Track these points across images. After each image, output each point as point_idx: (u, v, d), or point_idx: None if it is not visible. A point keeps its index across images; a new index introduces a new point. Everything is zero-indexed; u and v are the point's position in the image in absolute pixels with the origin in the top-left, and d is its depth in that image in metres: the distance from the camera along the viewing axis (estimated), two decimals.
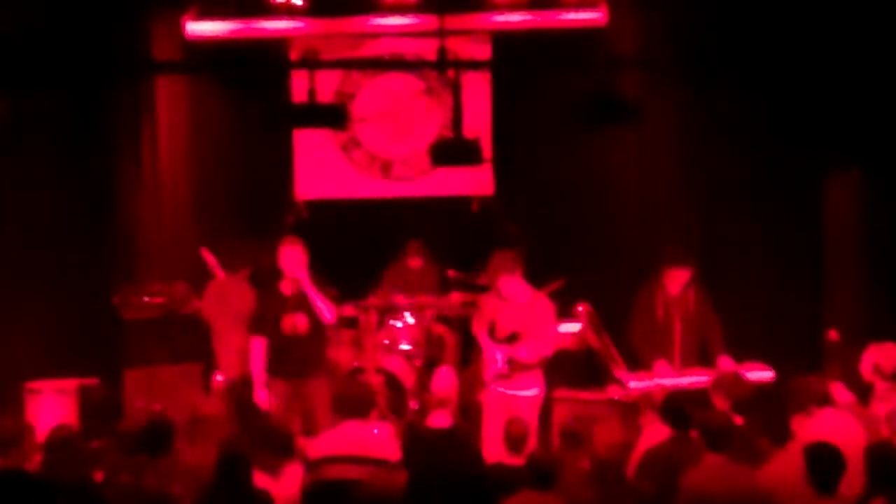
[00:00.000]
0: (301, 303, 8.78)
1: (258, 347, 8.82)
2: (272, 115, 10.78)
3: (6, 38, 9.80)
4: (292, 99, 11.11)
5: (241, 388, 9.42)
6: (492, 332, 8.86)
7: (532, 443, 7.57)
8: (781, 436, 7.05)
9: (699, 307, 9.34)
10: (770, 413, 7.48)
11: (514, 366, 8.76)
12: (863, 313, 10.19)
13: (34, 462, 7.04)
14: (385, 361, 10.07)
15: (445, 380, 8.12)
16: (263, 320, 8.84)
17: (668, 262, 9.38)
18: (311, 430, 8.47)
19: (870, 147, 10.19)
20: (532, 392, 8.79)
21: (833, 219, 10.61)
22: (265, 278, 9.15)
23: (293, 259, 8.78)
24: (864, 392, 8.13)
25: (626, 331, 9.43)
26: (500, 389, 8.84)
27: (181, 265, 11.04)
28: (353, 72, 11.42)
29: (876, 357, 7.78)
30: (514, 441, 7.23)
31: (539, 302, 8.92)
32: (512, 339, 8.80)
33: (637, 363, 9.31)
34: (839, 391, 8.06)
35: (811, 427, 7.28)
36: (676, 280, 9.31)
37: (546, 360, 8.88)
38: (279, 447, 7.01)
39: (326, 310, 8.82)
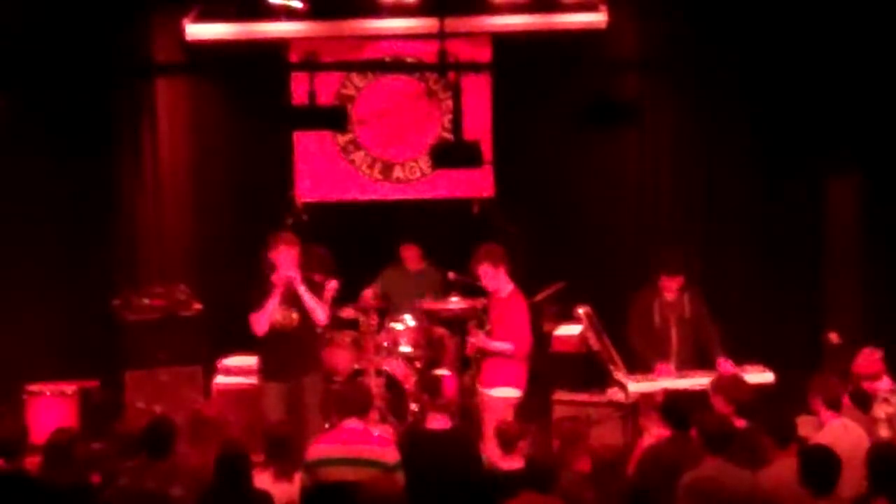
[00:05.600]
0: (292, 299, 8.79)
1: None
2: (272, 117, 10.78)
3: (7, 38, 9.82)
4: (292, 101, 11.10)
5: None
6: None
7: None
8: (784, 437, 7.04)
9: (694, 311, 9.33)
10: (772, 414, 7.46)
11: (481, 359, 8.96)
12: (863, 313, 10.19)
13: (34, 464, 7.05)
14: (385, 363, 10.07)
15: (446, 383, 8.16)
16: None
17: (661, 269, 9.38)
18: (302, 430, 8.47)
19: (870, 148, 10.20)
20: (502, 392, 8.81)
21: (833, 219, 10.61)
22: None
23: (289, 258, 8.79)
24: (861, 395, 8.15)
25: (625, 335, 9.43)
26: (480, 389, 8.98)
27: (181, 266, 11.06)
28: (353, 74, 11.41)
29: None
30: (507, 442, 7.23)
31: (512, 299, 8.96)
32: (487, 332, 9.02)
33: (637, 365, 9.31)
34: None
35: (819, 432, 7.31)
36: (670, 286, 9.32)
37: (520, 360, 8.88)
38: (292, 450, 7.02)
39: (319, 311, 8.83)
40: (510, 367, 8.83)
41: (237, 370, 10.07)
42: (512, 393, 8.82)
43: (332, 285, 9.64)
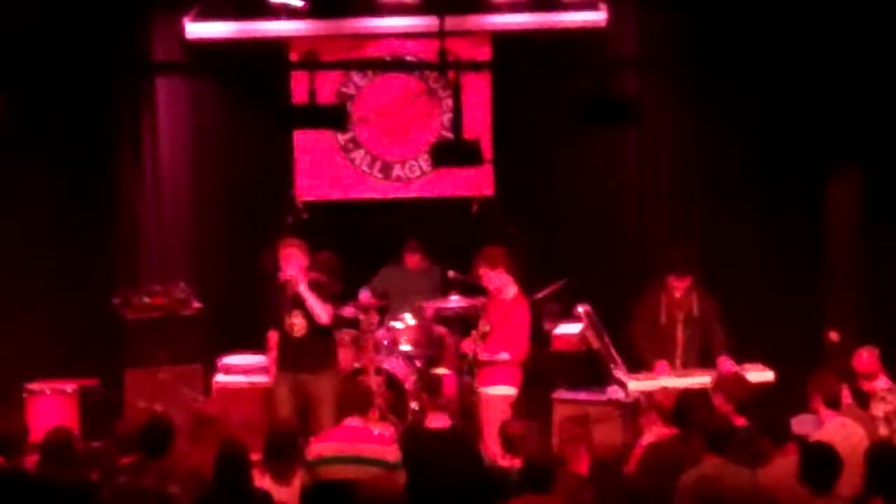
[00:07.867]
0: (297, 302, 8.81)
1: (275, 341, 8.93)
2: (272, 115, 10.77)
3: (6, 37, 9.81)
4: (292, 100, 11.10)
5: None
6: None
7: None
8: (783, 436, 7.04)
9: (702, 310, 9.30)
10: (771, 413, 7.46)
11: (480, 361, 8.94)
12: (863, 313, 10.19)
13: (33, 463, 7.05)
14: (385, 362, 10.06)
15: (446, 382, 8.17)
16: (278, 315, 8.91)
17: (669, 269, 9.35)
18: (311, 428, 8.47)
19: (870, 147, 10.19)
20: (499, 390, 8.82)
21: (833, 219, 10.61)
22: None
23: (293, 260, 8.79)
24: (861, 394, 8.16)
25: (628, 332, 9.42)
26: (477, 387, 9.00)
27: (181, 265, 11.05)
28: (353, 73, 11.41)
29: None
30: (511, 443, 7.22)
31: (515, 303, 8.95)
32: (485, 334, 8.98)
33: (637, 364, 9.30)
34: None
35: (819, 431, 7.31)
36: (679, 286, 9.29)
37: (516, 362, 8.88)
38: (291, 453, 7.02)
39: (321, 311, 8.82)
40: (505, 366, 8.86)
41: (237, 369, 10.08)
42: (508, 391, 8.85)
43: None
